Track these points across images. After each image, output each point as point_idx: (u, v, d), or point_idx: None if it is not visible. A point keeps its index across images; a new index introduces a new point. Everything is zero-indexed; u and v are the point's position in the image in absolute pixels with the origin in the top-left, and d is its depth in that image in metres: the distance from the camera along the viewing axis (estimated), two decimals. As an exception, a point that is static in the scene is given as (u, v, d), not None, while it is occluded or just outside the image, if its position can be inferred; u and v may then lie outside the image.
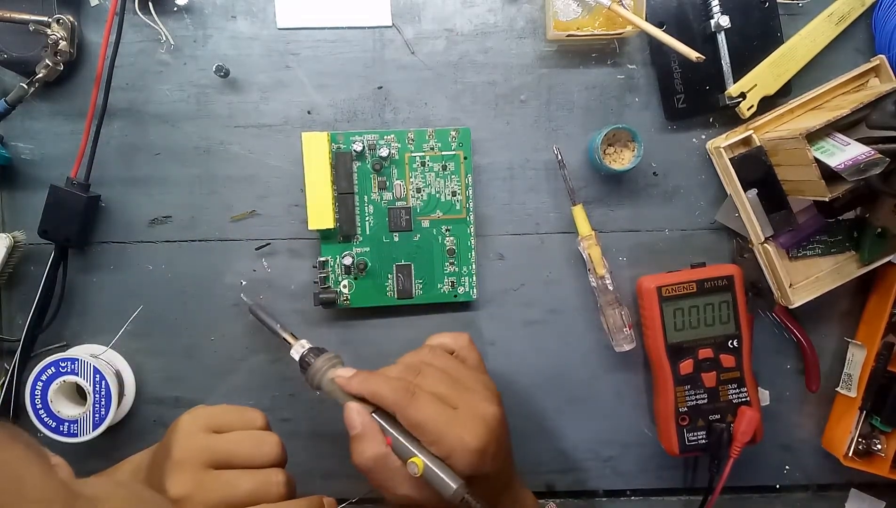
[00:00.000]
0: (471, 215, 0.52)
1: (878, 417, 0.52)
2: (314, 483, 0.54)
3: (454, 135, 0.51)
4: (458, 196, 0.52)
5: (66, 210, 0.49)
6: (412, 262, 0.52)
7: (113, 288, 0.52)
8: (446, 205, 0.52)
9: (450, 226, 0.52)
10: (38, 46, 0.48)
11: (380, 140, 0.51)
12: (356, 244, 0.52)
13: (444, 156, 0.51)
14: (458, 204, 0.52)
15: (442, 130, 0.51)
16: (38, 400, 0.48)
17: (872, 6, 0.52)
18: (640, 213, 0.54)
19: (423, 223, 0.52)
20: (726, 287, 0.51)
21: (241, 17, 0.52)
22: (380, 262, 0.52)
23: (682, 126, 0.53)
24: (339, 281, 0.52)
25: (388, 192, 0.51)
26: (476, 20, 0.52)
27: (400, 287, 0.52)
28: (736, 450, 0.51)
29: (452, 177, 0.51)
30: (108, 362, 0.51)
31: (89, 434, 0.49)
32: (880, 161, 0.42)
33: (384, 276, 0.52)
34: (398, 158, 0.51)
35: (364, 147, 0.50)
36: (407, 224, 0.51)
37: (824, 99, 0.50)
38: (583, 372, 0.54)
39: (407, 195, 0.51)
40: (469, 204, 0.52)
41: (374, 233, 0.52)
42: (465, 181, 0.51)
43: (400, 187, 0.51)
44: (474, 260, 0.52)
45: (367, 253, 0.52)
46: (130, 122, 0.52)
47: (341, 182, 0.50)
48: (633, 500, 0.56)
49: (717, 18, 0.50)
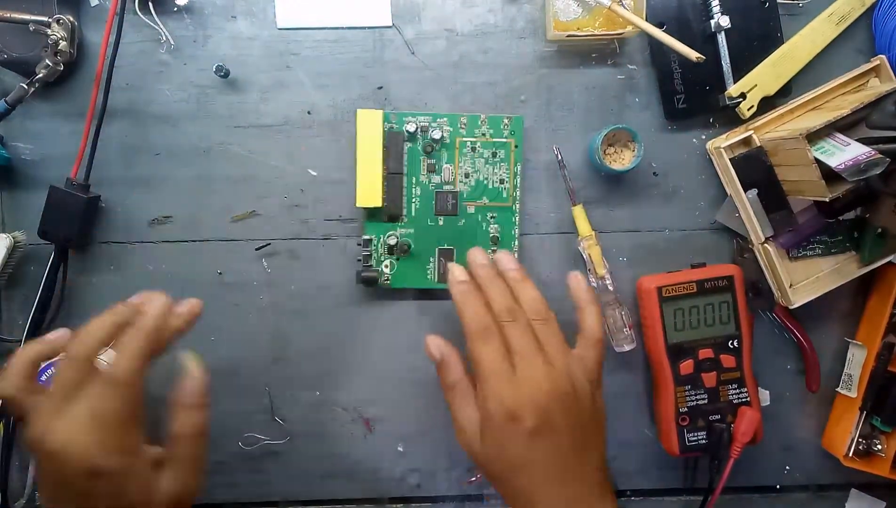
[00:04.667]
0: (517, 204, 0.52)
1: (879, 417, 0.52)
2: (314, 483, 0.54)
3: (507, 123, 0.51)
4: (505, 183, 0.52)
5: (65, 210, 0.49)
6: (455, 247, 0.52)
7: (113, 288, 0.52)
8: (493, 193, 0.52)
9: (495, 213, 0.52)
10: (38, 46, 0.48)
11: (433, 122, 0.51)
12: (401, 225, 0.52)
13: (495, 143, 0.51)
14: (505, 192, 0.52)
15: (495, 117, 0.51)
16: None
17: (873, 6, 0.52)
18: (641, 213, 0.54)
19: (468, 208, 0.52)
20: (726, 287, 0.51)
21: (241, 17, 0.52)
22: (423, 245, 0.52)
23: (682, 126, 0.53)
24: (381, 260, 0.52)
25: (436, 175, 0.51)
26: (476, 20, 0.52)
27: (441, 270, 0.52)
28: (736, 450, 0.51)
29: (502, 165, 0.51)
30: (108, 362, 0.51)
31: None
32: (880, 161, 0.42)
33: (426, 259, 0.52)
34: (449, 142, 0.51)
35: (417, 128, 0.50)
36: (453, 208, 0.51)
37: (824, 99, 0.50)
38: (583, 373, 0.54)
39: (455, 179, 0.51)
40: (517, 193, 0.52)
41: (420, 215, 0.52)
42: (513, 169, 0.51)
43: (449, 171, 0.51)
44: (516, 250, 0.52)
45: (410, 234, 0.52)
46: (130, 123, 0.52)
47: (391, 162, 0.50)
48: (633, 500, 0.56)
49: (717, 18, 0.50)
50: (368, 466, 0.54)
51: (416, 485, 0.55)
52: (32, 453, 0.42)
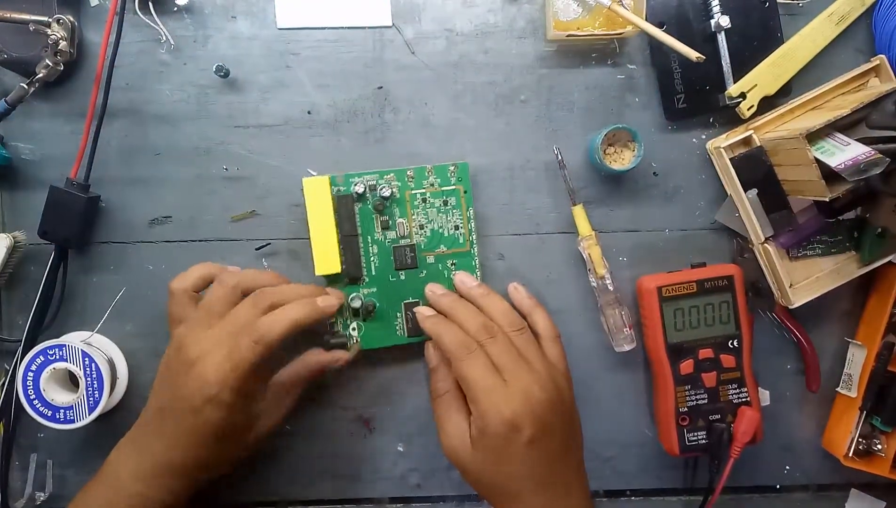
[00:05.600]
0: (475, 248, 0.52)
1: (879, 417, 0.52)
2: (314, 483, 0.54)
3: (453, 170, 0.51)
4: (460, 229, 0.52)
5: (65, 210, 0.49)
6: (419, 299, 0.52)
7: (113, 288, 0.52)
8: (450, 240, 0.52)
9: (455, 260, 0.52)
10: (38, 46, 0.48)
11: (380, 179, 0.50)
12: (363, 285, 0.51)
13: (444, 191, 0.51)
14: (461, 237, 0.52)
15: (440, 166, 0.51)
16: (31, 390, 0.48)
17: (872, 6, 0.52)
18: (641, 213, 0.54)
19: (427, 259, 0.52)
20: (726, 287, 0.51)
21: (241, 17, 0.52)
22: (388, 302, 0.51)
23: (682, 126, 0.53)
24: (347, 324, 0.51)
25: (391, 231, 0.51)
26: (476, 20, 0.52)
27: (409, 324, 0.51)
28: (736, 450, 0.51)
29: (454, 212, 0.51)
30: (100, 348, 0.51)
31: (86, 419, 0.48)
32: (880, 161, 0.42)
33: (393, 315, 0.52)
34: (399, 197, 0.51)
35: (365, 188, 0.50)
36: (412, 261, 0.51)
37: (824, 99, 0.50)
38: (583, 373, 0.54)
39: (410, 232, 0.51)
40: (472, 236, 0.52)
41: (380, 272, 0.51)
42: (466, 214, 0.51)
43: (403, 225, 0.51)
44: None
45: (374, 293, 0.51)
46: (130, 123, 0.52)
47: (345, 224, 0.50)
48: (633, 500, 0.56)
49: (717, 18, 0.50)
50: (368, 466, 0.54)
51: (416, 485, 0.55)
52: (171, 347, 0.45)
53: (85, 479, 0.46)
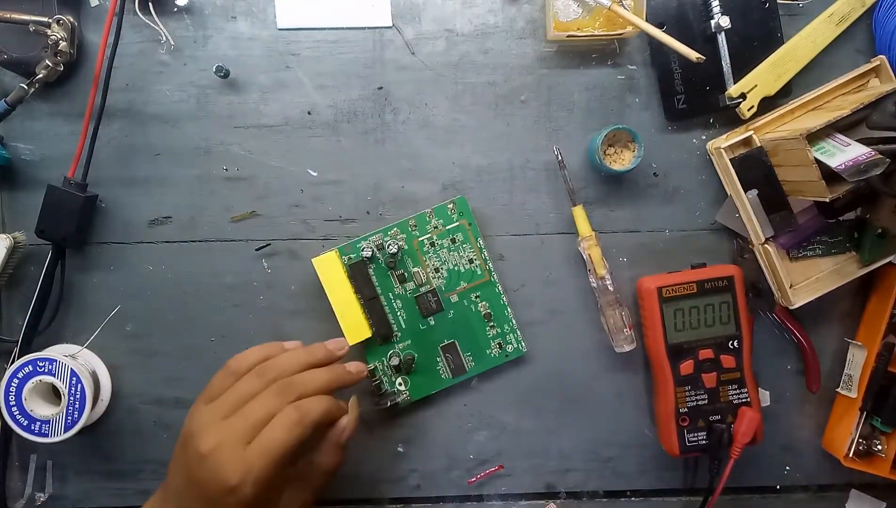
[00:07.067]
0: (494, 275, 0.52)
1: (879, 418, 0.52)
2: (314, 484, 0.54)
3: (452, 208, 0.52)
4: (475, 261, 0.52)
5: (62, 209, 0.49)
6: (455, 339, 0.52)
7: (113, 288, 0.52)
8: (468, 275, 0.52)
9: (478, 292, 0.52)
10: (38, 47, 0.48)
11: (384, 237, 0.51)
12: (397, 341, 0.52)
13: (449, 230, 0.52)
14: (478, 269, 0.52)
15: (439, 207, 0.52)
16: (13, 397, 0.48)
17: (873, 6, 0.52)
18: (641, 214, 0.54)
19: (452, 299, 0.52)
20: (726, 287, 0.51)
21: (241, 17, 0.52)
22: (424, 350, 0.52)
23: (682, 126, 0.53)
24: (393, 381, 0.52)
25: (409, 282, 0.52)
26: (476, 21, 0.52)
27: (451, 366, 0.52)
28: (736, 451, 0.51)
29: (464, 247, 0.52)
30: (84, 363, 0.51)
31: (60, 436, 0.48)
32: (881, 161, 0.42)
33: (433, 361, 0.52)
34: (408, 247, 0.51)
35: (373, 250, 0.51)
36: (437, 305, 0.52)
37: (825, 99, 0.50)
38: (583, 373, 0.54)
39: (428, 278, 0.52)
40: (488, 265, 0.52)
41: (410, 324, 0.52)
42: (477, 245, 0.52)
43: (419, 274, 0.52)
44: (513, 316, 0.53)
45: (409, 346, 0.52)
46: (130, 123, 0.52)
47: (363, 289, 0.51)
48: (633, 501, 0.56)
49: (718, 19, 0.50)
50: (368, 466, 0.54)
51: (416, 485, 0.55)
52: (183, 436, 0.42)
53: (85, 480, 0.46)
